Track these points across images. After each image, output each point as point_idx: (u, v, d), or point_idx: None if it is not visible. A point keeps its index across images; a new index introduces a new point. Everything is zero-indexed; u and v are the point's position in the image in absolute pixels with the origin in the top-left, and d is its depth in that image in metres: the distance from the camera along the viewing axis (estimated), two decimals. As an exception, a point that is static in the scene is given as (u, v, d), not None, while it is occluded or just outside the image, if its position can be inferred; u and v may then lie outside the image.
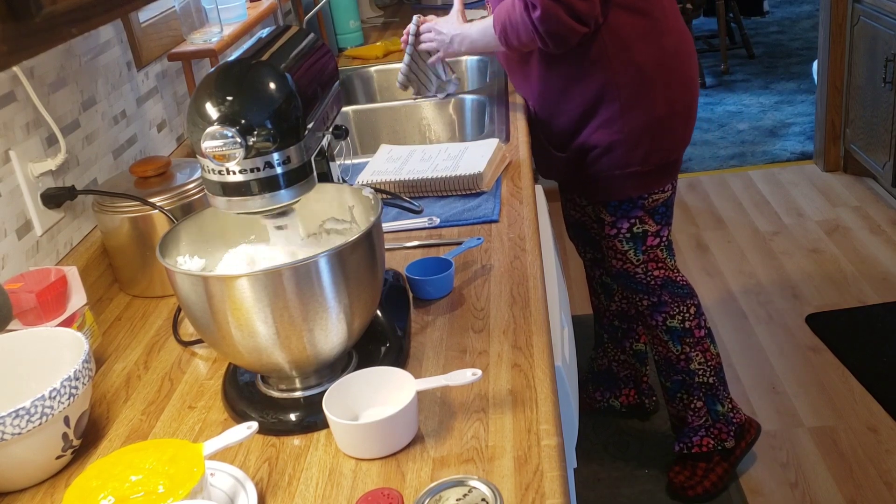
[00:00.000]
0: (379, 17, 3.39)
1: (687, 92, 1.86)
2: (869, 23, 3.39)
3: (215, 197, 1.01)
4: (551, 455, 0.93)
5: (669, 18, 1.83)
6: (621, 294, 2.31)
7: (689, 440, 2.18)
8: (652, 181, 1.90)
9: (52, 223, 1.41)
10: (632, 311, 2.34)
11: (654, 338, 2.11)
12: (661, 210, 1.95)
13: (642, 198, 1.91)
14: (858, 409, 2.45)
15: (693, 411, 2.14)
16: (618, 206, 1.93)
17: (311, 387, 1.09)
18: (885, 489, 2.16)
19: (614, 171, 1.86)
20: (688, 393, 2.13)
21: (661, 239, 1.98)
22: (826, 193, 3.74)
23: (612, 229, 1.96)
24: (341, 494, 0.94)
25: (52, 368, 1.09)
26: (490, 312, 1.24)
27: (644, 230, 1.95)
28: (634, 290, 2.05)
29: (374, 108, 2.30)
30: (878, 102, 3.38)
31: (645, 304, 2.05)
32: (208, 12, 1.90)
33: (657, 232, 1.96)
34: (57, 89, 1.46)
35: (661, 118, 1.83)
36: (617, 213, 1.94)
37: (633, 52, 1.77)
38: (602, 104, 1.81)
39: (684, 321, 2.06)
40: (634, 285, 2.03)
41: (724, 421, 2.15)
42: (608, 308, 2.35)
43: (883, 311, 2.86)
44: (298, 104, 1.01)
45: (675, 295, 2.04)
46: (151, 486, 0.87)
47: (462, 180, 1.64)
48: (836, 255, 3.24)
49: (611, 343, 2.40)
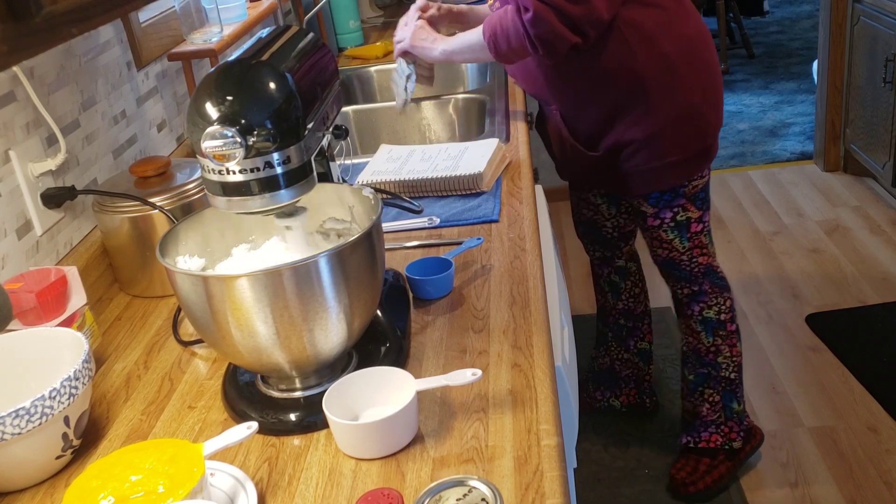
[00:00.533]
0: (379, 17, 3.39)
1: (713, 75, 1.86)
2: (869, 23, 3.39)
3: (215, 197, 1.01)
4: (551, 455, 0.93)
5: (684, 4, 1.82)
6: (629, 293, 2.32)
7: (698, 434, 2.18)
8: (692, 168, 1.90)
9: (52, 223, 1.41)
10: (638, 309, 2.35)
11: (686, 328, 2.12)
12: (701, 195, 1.95)
13: (683, 185, 1.91)
14: (858, 409, 2.45)
15: (710, 405, 2.15)
16: (659, 196, 1.92)
17: (311, 387, 1.09)
18: (885, 489, 2.16)
19: (654, 163, 1.85)
20: (709, 387, 2.13)
21: (703, 225, 1.99)
22: (826, 193, 3.74)
23: (654, 220, 1.96)
24: (341, 494, 0.94)
25: (52, 368, 1.09)
26: (490, 312, 1.24)
27: (687, 217, 1.95)
28: (677, 279, 2.06)
29: (374, 108, 2.30)
30: (878, 102, 3.38)
31: (685, 292, 2.07)
32: (208, 12, 1.90)
33: (700, 218, 1.97)
34: (57, 89, 1.46)
35: (695, 104, 1.82)
36: (659, 203, 1.93)
37: (657, 43, 1.75)
38: (632, 99, 1.79)
39: (720, 313, 2.07)
40: (678, 273, 2.04)
41: (736, 420, 2.16)
42: (615, 307, 2.35)
43: (883, 311, 2.86)
44: (298, 104, 1.01)
45: (715, 285, 2.06)
46: (151, 486, 0.87)
47: (462, 180, 1.64)
48: (836, 255, 3.24)
49: (615, 342, 2.40)
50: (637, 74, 1.76)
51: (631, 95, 1.79)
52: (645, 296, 2.37)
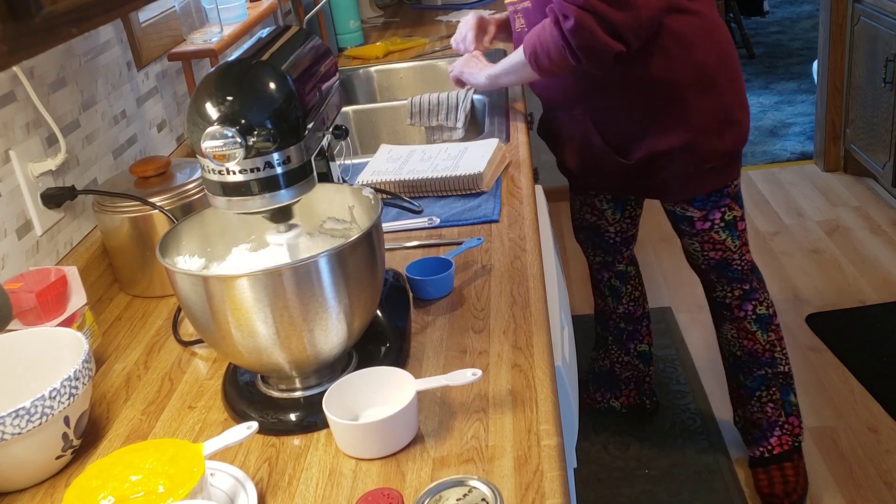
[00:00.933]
0: (379, 17, 3.39)
1: (741, 79, 1.89)
2: (869, 23, 3.39)
3: (215, 197, 1.01)
4: (551, 455, 0.93)
5: (714, 12, 1.82)
6: (629, 297, 2.31)
7: (768, 441, 2.16)
8: (734, 168, 1.92)
9: (52, 223, 1.41)
10: (638, 312, 2.34)
11: (739, 331, 2.10)
12: (739, 194, 1.98)
13: (727, 185, 1.92)
14: (858, 409, 2.45)
15: (773, 405, 2.13)
16: (706, 199, 1.93)
17: (311, 387, 1.09)
18: (885, 489, 2.16)
19: (694, 168, 1.85)
20: (767, 388, 2.12)
21: (745, 222, 2.01)
22: (826, 193, 3.74)
23: (704, 223, 1.96)
24: (341, 494, 0.94)
25: (52, 368, 1.09)
26: (490, 312, 1.24)
27: (734, 216, 1.96)
28: (729, 280, 2.05)
29: (374, 108, 2.30)
30: (878, 102, 3.38)
31: (737, 293, 2.06)
32: (208, 12, 1.90)
33: (742, 216, 1.99)
34: (57, 89, 1.46)
35: (732, 109, 1.84)
36: (707, 205, 1.94)
37: (696, 50, 1.75)
38: (669, 106, 1.78)
39: (769, 307, 2.08)
40: (731, 273, 2.03)
41: (795, 413, 2.16)
42: (615, 311, 2.34)
43: (883, 311, 2.86)
44: (298, 104, 1.01)
45: (759, 280, 2.07)
46: (151, 486, 0.87)
47: (462, 180, 1.64)
48: (836, 255, 3.24)
49: (615, 345, 2.39)
50: (676, 82, 1.76)
51: (668, 103, 1.78)
52: (644, 298, 2.37)
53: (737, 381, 2.17)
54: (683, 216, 1.98)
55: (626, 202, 2.17)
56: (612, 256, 2.27)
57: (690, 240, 2.02)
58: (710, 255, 2.01)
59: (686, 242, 2.05)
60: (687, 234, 2.02)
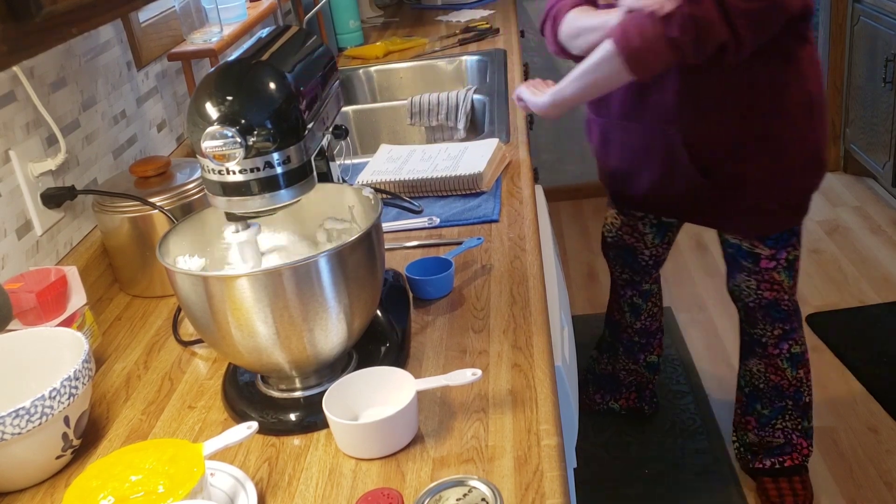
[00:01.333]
0: (379, 17, 3.39)
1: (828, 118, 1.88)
2: (869, 23, 3.39)
3: (215, 197, 1.01)
4: (551, 455, 0.93)
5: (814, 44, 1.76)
6: (648, 313, 2.25)
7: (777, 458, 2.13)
8: (805, 209, 1.85)
9: (52, 223, 1.41)
10: (654, 326, 2.29)
11: (769, 367, 2.03)
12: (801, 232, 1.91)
13: (799, 224, 1.87)
14: (858, 409, 2.45)
15: (787, 430, 2.09)
16: (778, 237, 1.85)
17: (311, 387, 1.09)
18: (885, 489, 2.16)
19: (785, 202, 1.79)
20: (783, 418, 2.08)
21: (800, 261, 1.93)
22: (826, 193, 3.74)
23: (769, 262, 1.88)
24: (341, 494, 0.94)
25: (52, 368, 1.09)
26: (490, 312, 1.24)
27: (795, 255, 1.90)
28: (773, 320, 1.96)
29: (374, 108, 2.30)
30: (878, 102, 3.38)
31: (777, 332, 1.98)
32: (208, 12, 1.90)
33: (799, 255, 1.91)
34: (57, 89, 1.46)
35: (821, 147, 1.79)
36: (778, 244, 1.86)
37: (806, 80, 1.70)
38: (770, 132, 1.71)
39: (802, 345, 2.01)
40: (777, 314, 1.95)
41: (806, 435, 2.11)
42: (631, 325, 2.28)
43: (883, 311, 2.86)
44: (298, 104, 1.01)
45: (799, 320, 2.00)
46: (151, 486, 0.87)
47: (462, 180, 1.64)
48: (836, 255, 3.24)
49: (625, 355, 2.35)
50: (784, 108, 1.70)
51: (776, 129, 1.71)
52: (661, 313, 2.31)
53: (752, 410, 2.11)
54: (750, 252, 1.89)
55: (668, 227, 2.09)
56: (640, 276, 2.21)
57: (748, 276, 1.93)
58: (764, 295, 1.93)
59: (741, 279, 1.95)
60: (746, 270, 1.92)
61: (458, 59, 2.62)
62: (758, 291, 1.94)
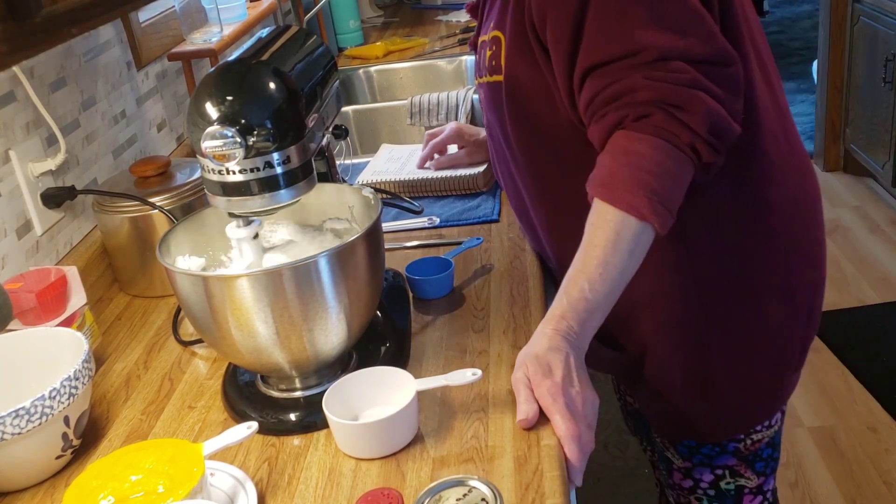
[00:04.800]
0: (379, 17, 3.39)
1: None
2: (869, 23, 3.39)
3: (215, 197, 1.01)
4: (551, 455, 0.93)
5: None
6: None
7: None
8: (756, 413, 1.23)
9: (52, 223, 1.41)
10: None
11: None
12: (766, 452, 1.26)
13: (735, 440, 1.24)
14: (858, 408, 2.45)
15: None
16: (696, 447, 1.26)
17: (311, 387, 1.09)
18: (885, 489, 2.16)
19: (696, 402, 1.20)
20: None
21: (763, 497, 1.30)
22: (826, 193, 3.74)
23: (685, 479, 1.29)
24: (341, 494, 0.94)
25: (52, 368, 1.09)
26: (490, 312, 1.24)
27: (738, 485, 1.27)
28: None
29: (374, 108, 2.29)
30: (878, 102, 3.38)
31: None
32: (208, 12, 1.90)
33: (759, 487, 1.28)
34: (57, 89, 1.46)
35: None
36: (693, 457, 1.26)
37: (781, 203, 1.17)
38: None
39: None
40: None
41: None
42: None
43: (883, 311, 2.86)
44: (298, 104, 1.01)
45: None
46: (151, 486, 0.87)
47: (462, 180, 1.64)
48: (836, 255, 3.24)
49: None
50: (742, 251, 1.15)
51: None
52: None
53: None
54: (662, 455, 1.33)
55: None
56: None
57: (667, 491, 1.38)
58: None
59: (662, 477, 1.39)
60: (663, 482, 1.39)
61: (458, 59, 2.62)
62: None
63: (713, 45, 0.98)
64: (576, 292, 0.95)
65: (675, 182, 0.97)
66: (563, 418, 0.91)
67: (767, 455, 1.26)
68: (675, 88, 0.95)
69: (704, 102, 0.95)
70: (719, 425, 1.22)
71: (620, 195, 0.95)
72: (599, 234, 0.96)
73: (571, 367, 0.93)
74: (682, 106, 0.95)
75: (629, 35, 0.96)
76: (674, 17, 0.97)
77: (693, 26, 0.97)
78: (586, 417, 0.93)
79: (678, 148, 0.96)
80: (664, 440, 1.30)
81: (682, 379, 1.19)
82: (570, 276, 0.97)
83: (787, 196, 1.15)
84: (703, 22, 0.98)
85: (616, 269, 0.95)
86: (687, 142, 0.95)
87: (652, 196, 0.94)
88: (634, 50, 0.96)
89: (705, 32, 0.98)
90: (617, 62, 0.97)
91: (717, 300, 1.14)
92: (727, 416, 1.21)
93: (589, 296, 0.95)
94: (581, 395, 0.93)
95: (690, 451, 1.26)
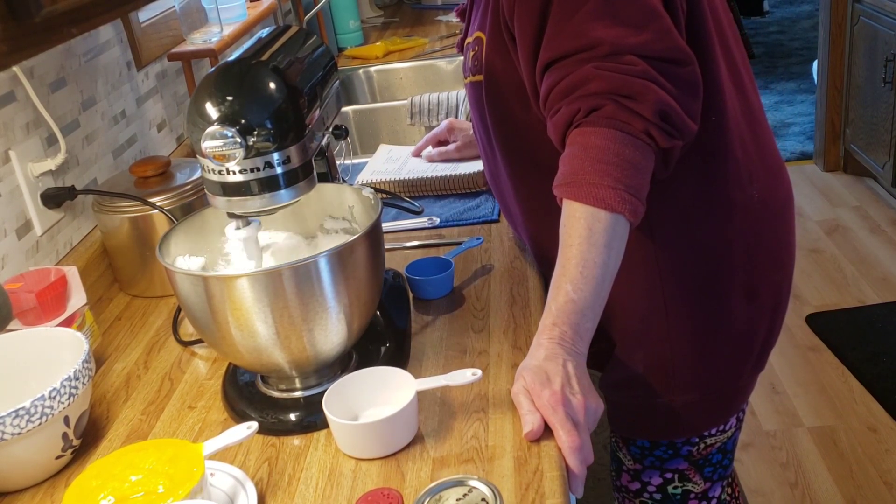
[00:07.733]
0: (379, 17, 3.39)
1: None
2: (869, 23, 3.39)
3: (215, 197, 1.01)
4: (551, 455, 0.93)
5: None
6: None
7: None
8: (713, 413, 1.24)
9: (52, 223, 1.41)
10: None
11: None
12: (717, 458, 1.27)
13: (690, 443, 1.24)
14: (858, 409, 2.45)
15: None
16: (649, 449, 1.26)
17: (311, 387, 1.09)
18: (885, 489, 2.16)
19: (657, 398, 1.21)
20: None
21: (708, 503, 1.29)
22: (826, 193, 3.74)
23: (633, 481, 1.30)
24: (341, 494, 0.94)
25: (52, 368, 1.09)
26: (490, 312, 1.24)
27: (685, 490, 1.28)
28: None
29: (374, 108, 2.30)
30: (878, 102, 3.38)
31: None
32: (208, 12, 1.90)
33: (705, 493, 1.28)
34: (57, 89, 1.46)
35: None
36: (645, 459, 1.27)
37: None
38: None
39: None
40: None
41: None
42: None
43: (883, 311, 2.86)
44: (298, 104, 1.01)
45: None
46: (151, 486, 0.87)
47: (462, 180, 1.64)
48: (836, 255, 3.24)
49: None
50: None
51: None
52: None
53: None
54: (613, 454, 1.33)
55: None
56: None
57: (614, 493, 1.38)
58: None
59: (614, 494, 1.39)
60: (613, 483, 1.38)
61: (458, 59, 2.62)
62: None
63: (668, 42, 0.99)
64: (561, 297, 0.94)
65: (637, 169, 0.96)
66: (565, 430, 0.90)
67: (717, 461, 1.27)
68: (624, 79, 0.95)
69: (654, 92, 0.95)
70: (677, 424, 1.22)
71: (586, 190, 0.94)
72: (573, 234, 0.95)
73: (570, 374, 0.92)
74: (631, 95, 0.95)
75: (585, 30, 0.98)
76: (630, 14, 0.98)
77: (649, 24, 0.98)
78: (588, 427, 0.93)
79: (633, 136, 0.95)
80: (619, 439, 1.29)
81: (644, 373, 1.19)
82: (553, 281, 0.96)
83: (753, 197, 1.15)
84: (659, 20, 0.99)
85: (596, 265, 0.94)
86: (641, 129, 0.95)
87: (617, 185, 0.94)
88: (589, 45, 0.97)
89: (661, 30, 0.99)
90: (572, 56, 0.99)
91: (681, 296, 1.15)
92: (686, 414, 1.21)
93: (574, 297, 0.94)
94: (582, 401, 0.92)
95: (643, 453, 1.26)
